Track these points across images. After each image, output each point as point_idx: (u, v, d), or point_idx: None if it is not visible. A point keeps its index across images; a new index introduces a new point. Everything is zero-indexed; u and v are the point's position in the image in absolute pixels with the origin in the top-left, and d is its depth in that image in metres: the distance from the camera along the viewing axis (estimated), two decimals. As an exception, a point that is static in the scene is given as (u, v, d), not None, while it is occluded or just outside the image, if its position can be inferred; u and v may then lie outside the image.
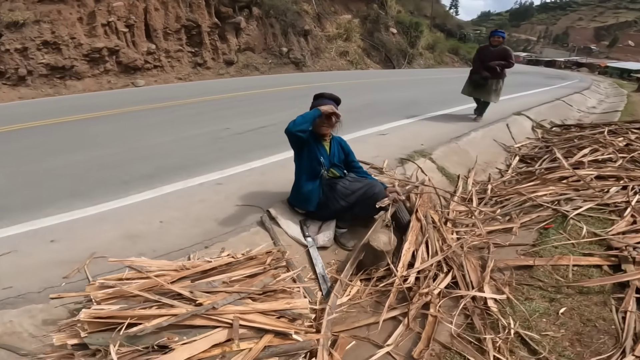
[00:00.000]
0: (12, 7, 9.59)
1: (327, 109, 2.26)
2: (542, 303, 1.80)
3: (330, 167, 2.46)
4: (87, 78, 10.76)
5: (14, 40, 9.38)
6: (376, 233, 2.16)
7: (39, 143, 4.48)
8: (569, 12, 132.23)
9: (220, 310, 1.33)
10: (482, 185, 3.65)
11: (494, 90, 5.68)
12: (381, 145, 4.32)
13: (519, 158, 4.58)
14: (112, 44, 10.66)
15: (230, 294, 1.42)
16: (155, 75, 12.08)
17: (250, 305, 1.40)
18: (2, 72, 9.44)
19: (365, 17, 19.23)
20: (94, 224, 2.44)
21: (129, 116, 6.17)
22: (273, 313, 1.43)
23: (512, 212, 2.75)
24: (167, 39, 11.65)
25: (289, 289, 1.60)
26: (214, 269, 1.59)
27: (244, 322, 1.34)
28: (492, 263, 2.01)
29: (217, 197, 2.83)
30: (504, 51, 5.51)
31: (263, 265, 1.66)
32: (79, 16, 10.35)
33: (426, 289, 1.79)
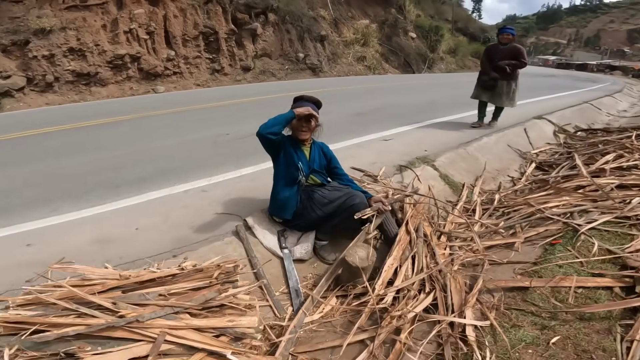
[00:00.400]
0: (40, 14, 10.07)
1: (303, 110, 2.12)
2: (531, 331, 1.56)
3: (309, 173, 2.31)
4: (110, 84, 11.14)
5: (42, 46, 9.81)
6: (354, 247, 1.98)
7: (51, 147, 4.61)
8: (600, 15, 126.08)
9: (146, 323, 1.22)
10: (490, 194, 3.38)
11: (506, 94, 5.14)
12: (382, 151, 4.12)
13: (536, 165, 4.25)
14: (133, 50, 10.99)
15: (162, 307, 1.30)
16: (174, 81, 12.37)
17: (184, 321, 1.28)
18: (30, 79, 9.88)
19: (383, 21, 18.99)
20: (72, 228, 2.42)
21: (141, 121, 6.30)
22: (211, 330, 1.29)
23: (516, 225, 2.49)
24: (186, 46, 11.92)
25: (237, 305, 1.45)
26: (153, 280, 1.48)
27: (173, 338, 1.22)
28: (480, 283, 1.78)
29: (200, 202, 2.75)
30: (515, 49, 4.98)
31: (209, 278, 1.53)
32: (103, 23, 10.74)
33: (399, 311, 1.59)
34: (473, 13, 40.15)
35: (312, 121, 2.24)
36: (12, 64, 9.69)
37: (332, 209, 2.18)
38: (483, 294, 1.79)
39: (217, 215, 2.53)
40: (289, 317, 1.77)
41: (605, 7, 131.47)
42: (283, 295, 1.97)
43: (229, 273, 1.60)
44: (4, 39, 9.56)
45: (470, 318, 1.55)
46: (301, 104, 2.24)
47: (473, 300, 1.66)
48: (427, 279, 1.83)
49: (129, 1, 10.94)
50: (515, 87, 5.17)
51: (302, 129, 2.24)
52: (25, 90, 9.81)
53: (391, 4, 20.12)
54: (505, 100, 5.18)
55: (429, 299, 1.69)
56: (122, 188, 3.09)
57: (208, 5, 11.90)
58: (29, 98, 9.94)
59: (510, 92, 5.13)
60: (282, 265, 2.14)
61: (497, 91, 5.14)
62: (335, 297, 1.93)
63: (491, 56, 5.13)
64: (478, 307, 1.66)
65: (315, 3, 16.24)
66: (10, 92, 9.48)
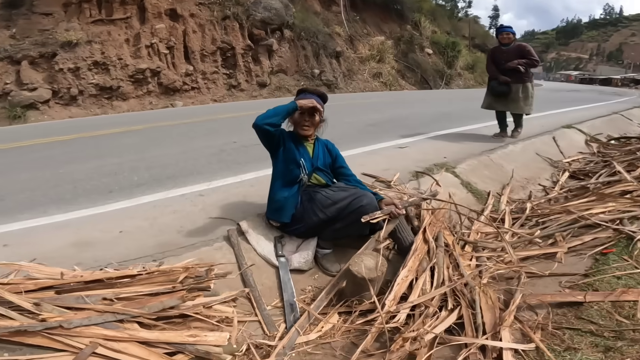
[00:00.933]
0: (68, 27, 10.43)
1: (306, 102, 1.88)
2: (591, 354, 1.20)
3: (312, 171, 2.03)
4: (131, 99, 11.34)
5: (68, 59, 10.08)
6: (361, 255, 1.67)
7: (53, 155, 4.58)
8: (620, 28, 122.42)
9: (73, 331, 0.95)
10: (520, 203, 3.01)
11: (522, 98, 4.53)
12: (396, 158, 3.81)
13: (569, 174, 3.84)
14: (154, 65, 11.20)
15: (101, 313, 1.03)
16: (192, 96, 12.54)
17: (128, 331, 1.00)
18: (56, 92, 10.11)
19: (399, 38, 18.97)
20: (54, 230, 2.23)
21: (150, 131, 6.27)
22: (164, 346, 1.01)
23: (556, 234, 2.11)
24: (204, 61, 12.12)
25: (207, 318, 1.16)
26: (100, 281, 1.21)
27: (108, 351, 0.94)
28: (519, 298, 1.42)
29: (193, 208, 2.50)
30: (521, 48, 4.45)
31: (173, 283, 1.24)
32: (126, 37, 11.03)
33: (414, 331, 1.26)
34: (490, 29, 39.87)
35: (315, 115, 2.00)
36: (38, 77, 9.97)
37: (336, 211, 1.88)
38: (522, 311, 1.43)
39: (210, 219, 2.28)
40: (280, 336, 1.45)
41: (626, 20, 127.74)
42: (276, 309, 1.67)
43: (199, 278, 1.31)
44: (32, 51, 9.88)
45: (509, 340, 1.21)
46: (304, 96, 2.01)
47: (510, 318, 1.30)
48: (449, 294, 1.48)
49: (151, 16, 11.26)
50: (532, 89, 4.62)
51: (305, 124, 2.00)
52: (50, 103, 10.06)
53: (406, 20, 20.16)
54: (524, 107, 4.60)
55: (453, 317, 1.35)
56: (115, 193, 2.91)
57: (225, 21, 12.15)
58: (53, 111, 10.18)
59: (528, 95, 4.57)
60: (277, 276, 1.84)
61: (511, 97, 4.54)
62: (338, 313, 1.61)
63: (497, 59, 4.61)
64: (517, 327, 1.31)
65: (331, 20, 16.43)
66: (36, 105, 9.72)
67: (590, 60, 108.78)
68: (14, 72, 9.75)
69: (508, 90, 4.49)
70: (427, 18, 21.16)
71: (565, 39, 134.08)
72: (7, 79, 9.64)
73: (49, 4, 10.94)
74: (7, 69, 9.74)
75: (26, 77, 9.66)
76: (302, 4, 15.50)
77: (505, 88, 4.49)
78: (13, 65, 9.80)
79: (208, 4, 12.21)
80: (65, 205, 2.64)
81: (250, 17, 12.41)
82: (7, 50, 9.78)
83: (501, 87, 4.51)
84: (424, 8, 21.76)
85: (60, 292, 1.13)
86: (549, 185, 3.62)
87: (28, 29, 10.51)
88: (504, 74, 4.47)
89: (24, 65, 9.69)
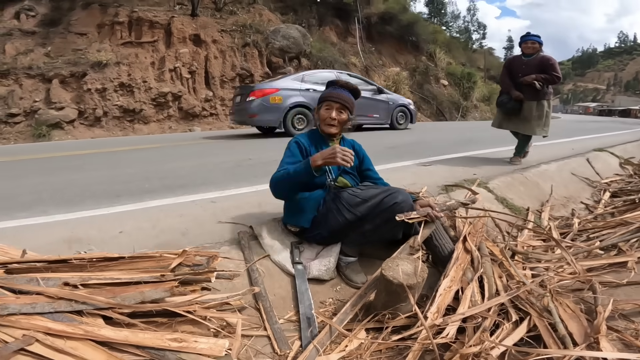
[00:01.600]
0: (99, 47, 10.91)
1: (328, 156, 1.51)
2: None
3: (339, 174, 1.82)
4: (152, 122, 11.58)
5: (96, 80, 10.44)
6: (395, 260, 1.40)
7: (69, 165, 4.57)
8: (636, 56, 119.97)
9: (7, 319, 0.72)
10: (563, 220, 2.70)
11: (535, 117, 3.85)
12: (422, 175, 3.56)
13: (610, 194, 3.52)
14: (176, 89, 11.52)
15: (53, 300, 0.79)
16: (210, 123, 12.75)
17: (85, 327, 0.75)
18: (82, 112, 10.41)
19: (414, 69, 19.21)
20: (49, 228, 2.06)
21: (168, 149, 6.28)
22: (134, 352, 0.76)
23: (619, 244, 1.79)
24: (223, 87, 12.42)
25: (204, 320, 0.90)
26: (66, 262, 0.98)
27: (48, 349, 0.69)
28: (610, 304, 1.12)
29: (203, 212, 2.29)
30: (544, 60, 3.76)
31: (162, 271, 1.00)
32: (152, 60, 11.46)
33: (476, 345, 0.96)
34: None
35: (343, 112, 1.80)
36: (67, 96, 10.32)
37: (366, 210, 1.62)
38: (613, 320, 1.13)
39: (220, 224, 2.06)
40: (294, 355, 1.17)
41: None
42: (290, 324, 1.39)
43: (197, 267, 1.07)
44: (64, 70, 10.31)
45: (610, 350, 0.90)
46: (333, 90, 1.83)
47: (604, 326, 1.00)
48: (508, 305, 1.19)
49: (176, 40, 11.74)
50: (549, 109, 3.94)
51: (331, 121, 1.80)
52: (75, 123, 10.34)
53: (421, 51, 20.52)
54: (537, 127, 3.89)
55: (522, 328, 1.05)
56: (123, 197, 2.75)
57: (245, 48, 12.57)
58: (77, 131, 10.43)
59: (542, 115, 3.87)
60: (292, 285, 1.58)
61: (523, 115, 3.90)
62: (365, 330, 1.32)
63: (513, 71, 3.92)
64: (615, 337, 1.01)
65: (347, 50, 16.84)
66: (61, 124, 9.99)
67: (608, 90, 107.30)
68: (44, 91, 10.14)
69: (519, 107, 3.87)
70: (442, 49, 21.50)
71: (581, 69, 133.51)
72: (36, 97, 10.02)
73: (85, 24, 11.59)
74: (38, 86, 10.15)
75: (55, 95, 10.03)
76: (320, 35, 16.03)
77: (515, 104, 3.87)
78: (44, 84, 10.21)
79: (230, 31, 12.73)
80: (68, 207, 2.48)
81: (269, 45, 12.82)
82: (40, 68, 10.24)
83: (510, 103, 3.88)
84: (438, 40, 22.19)
85: (12, 271, 0.91)
86: (591, 203, 3.30)
87: (63, 47, 11.07)
88: (518, 89, 3.83)
89: (54, 84, 10.08)
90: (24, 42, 11.01)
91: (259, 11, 14.68)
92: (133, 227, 2.00)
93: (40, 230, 1.98)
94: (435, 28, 24.31)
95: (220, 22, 13.02)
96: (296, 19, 15.81)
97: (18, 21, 11.60)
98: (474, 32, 39.92)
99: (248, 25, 13.00)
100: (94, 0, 12.01)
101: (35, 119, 9.70)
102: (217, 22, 12.94)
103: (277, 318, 1.34)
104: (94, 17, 11.76)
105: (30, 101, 9.93)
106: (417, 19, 21.59)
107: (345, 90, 1.83)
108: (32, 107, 9.85)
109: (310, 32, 14.71)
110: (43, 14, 12.03)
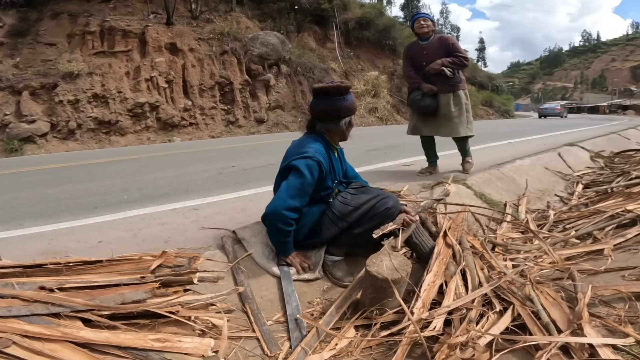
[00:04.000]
0: (70, 58, 10.53)
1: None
2: None
3: (337, 186, 1.82)
4: (129, 134, 11.22)
5: (68, 91, 10.01)
6: (379, 256, 1.42)
7: (44, 179, 4.42)
8: (600, 54, 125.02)
9: None
10: (540, 212, 2.81)
11: (455, 114, 3.17)
12: (401, 175, 3.65)
13: (583, 185, 3.69)
14: (153, 99, 11.22)
15: (29, 303, 0.76)
16: (190, 132, 12.52)
17: (63, 329, 0.73)
18: (54, 125, 9.94)
19: (392, 72, 19.58)
20: (25, 241, 1.99)
21: (146, 160, 6.13)
22: (117, 352, 0.74)
23: (594, 232, 1.88)
24: (202, 96, 12.25)
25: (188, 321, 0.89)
26: (41, 267, 0.95)
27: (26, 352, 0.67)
28: (589, 292, 1.16)
29: (185, 220, 2.26)
30: (444, 41, 3.14)
31: (142, 272, 0.98)
32: (127, 70, 11.14)
33: (463, 335, 0.98)
34: (478, 62, 41.53)
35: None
36: (38, 108, 9.89)
37: (357, 217, 1.64)
38: (594, 307, 1.19)
39: (202, 230, 2.02)
40: (284, 356, 1.17)
41: (604, 46, 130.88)
42: (278, 325, 1.38)
43: (179, 268, 1.05)
44: (34, 82, 9.88)
45: (594, 336, 0.94)
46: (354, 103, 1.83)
47: (586, 313, 1.04)
48: (491, 295, 1.22)
49: (151, 49, 11.50)
50: (467, 101, 3.28)
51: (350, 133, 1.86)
52: (47, 137, 9.91)
53: (399, 55, 20.90)
54: (460, 127, 3.21)
55: (507, 317, 1.08)
56: (100, 209, 2.67)
57: (224, 56, 12.47)
58: (50, 145, 10.00)
59: (462, 110, 3.21)
60: (279, 287, 1.57)
61: (442, 113, 3.18)
62: (354, 328, 1.32)
63: (416, 61, 3.21)
64: (598, 323, 1.05)
65: (326, 56, 17.00)
66: (33, 138, 9.56)
67: (576, 88, 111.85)
68: (14, 103, 9.71)
69: (435, 103, 3.16)
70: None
71: (549, 68, 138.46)
72: (6, 110, 9.59)
73: (54, 34, 11.19)
74: (7, 99, 9.71)
75: (26, 108, 9.62)
76: (298, 41, 16.12)
77: (431, 101, 3.15)
78: (14, 96, 9.77)
79: (207, 39, 12.61)
80: (44, 219, 2.40)
81: (248, 52, 12.79)
82: (9, 79, 9.80)
83: (425, 100, 3.15)
84: (414, 44, 22.68)
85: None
86: (565, 195, 3.44)
87: (32, 58, 10.65)
88: (427, 81, 3.14)
89: (24, 96, 9.67)
90: (-9, 54, 10.58)
91: (236, 19, 14.64)
92: (113, 237, 1.95)
93: (17, 243, 1.91)
94: (411, 32, 24.86)
95: (197, 31, 12.88)
96: (274, 26, 15.85)
97: (-16, 32, 11.14)
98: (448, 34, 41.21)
99: (226, 32, 12.92)
100: (63, 10, 11.66)
101: (6, 133, 9.29)
102: (194, 31, 12.80)
103: (265, 320, 1.33)
104: (63, 27, 11.40)
105: (1, 114, 9.50)
106: (393, 23, 22.06)
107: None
108: (2, 120, 9.42)
109: (289, 39, 14.76)
110: (10, 24, 11.57)
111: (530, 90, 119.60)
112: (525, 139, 7.11)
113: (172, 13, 12.32)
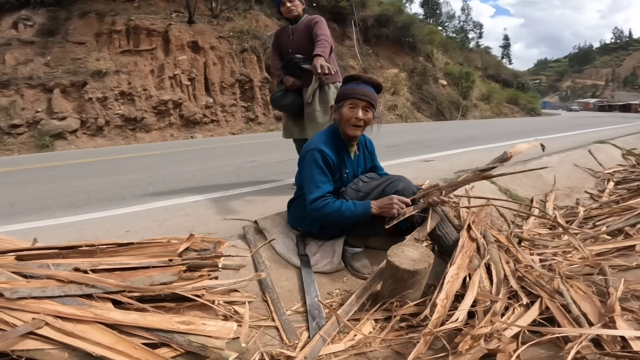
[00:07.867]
0: (98, 56, 10.93)
1: (387, 207, 1.51)
2: None
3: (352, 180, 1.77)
4: (154, 131, 11.56)
5: (97, 89, 10.40)
6: (400, 247, 1.40)
7: (72, 173, 4.61)
8: (632, 52, 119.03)
9: (17, 303, 0.72)
10: (568, 209, 2.70)
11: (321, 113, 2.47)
12: (422, 169, 3.59)
13: (615, 183, 3.52)
14: (176, 96, 11.51)
15: (63, 284, 0.79)
16: (211, 129, 12.75)
17: (94, 310, 0.76)
18: (84, 121, 10.40)
19: (412, 70, 19.27)
20: (55, 230, 2.08)
21: (171, 155, 6.30)
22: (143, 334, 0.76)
23: (626, 229, 1.79)
24: (223, 93, 12.45)
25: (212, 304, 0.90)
26: (74, 248, 0.98)
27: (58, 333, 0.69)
28: (622, 286, 1.11)
29: (207, 211, 2.31)
30: (311, 24, 2.49)
31: (170, 255, 1.00)
32: (151, 68, 11.46)
33: (487, 326, 0.96)
34: (503, 59, 40.19)
35: (369, 111, 1.62)
36: (68, 106, 10.32)
37: None
38: (627, 301, 1.15)
39: (224, 221, 2.07)
40: (302, 345, 1.17)
41: (636, 44, 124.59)
42: (297, 315, 1.39)
43: (205, 251, 1.07)
44: (64, 80, 10.31)
45: (626, 329, 0.90)
46: (358, 85, 1.60)
47: (618, 306, 1.00)
48: (518, 288, 1.18)
49: (174, 47, 11.78)
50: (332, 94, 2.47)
51: (357, 122, 1.59)
52: (77, 133, 10.34)
53: (419, 52, 20.59)
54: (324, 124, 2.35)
55: (534, 310, 1.04)
56: (127, 200, 2.77)
57: (244, 53, 12.62)
58: (80, 141, 10.43)
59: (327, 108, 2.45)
60: (299, 277, 1.58)
61: (307, 112, 2.51)
62: (374, 320, 1.31)
63: (283, 48, 2.65)
64: (629, 317, 1.01)
65: (345, 54, 16.90)
66: (64, 134, 9.99)
67: (607, 86, 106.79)
68: (46, 100, 10.16)
69: (298, 101, 2.54)
70: (439, 50, 21.56)
71: (578, 66, 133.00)
72: (38, 107, 10.05)
73: (83, 33, 11.61)
74: (39, 96, 10.17)
75: (57, 105, 10.05)
76: (317, 39, 16.04)
77: (294, 98, 2.54)
78: (45, 94, 10.22)
79: (227, 37, 12.78)
80: (75, 210, 2.51)
81: (267, 49, 12.87)
82: (40, 77, 10.26)
83: (286, 97, 2.55)
84: (435, 40, 22.27)
85: (22, 258, 0.92)
86: (596, 193, 3.30)
87: (62, 57, 11.09)
88: (291, 72, 2.52)
89: (55, 94, 10.10)
90: (23, 52, 11.06)
91: (255, 17, 14.77)
92: (139, 227, 2.01)
93: (48, 232, 1.99)
94: (431, 29, 24.43)
95: (217, 29, 13.09)
96: (293, 24, 15.86)
97: (16, 31, 11.66)
98: (470, 31, 39.95)
99: (245, 31, 13.06)
100: (91, 10, 12.08)
101: (38, 129, 9.73)
102: (214, 29, 13.01)
103: (284, 309, 1.35)
104: (91, 26, 11.82)
105: (32, 112, 9.96)
106: (413, 20, 21.68)
107: (369, 86, 1.63)
108: (34, 117, 9.88)
109: (307, 36, 14.74)
110: (40, 23, 12.08)
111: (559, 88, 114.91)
112: (552, 136, 6.85)
113: (193, 12, 12.56)
